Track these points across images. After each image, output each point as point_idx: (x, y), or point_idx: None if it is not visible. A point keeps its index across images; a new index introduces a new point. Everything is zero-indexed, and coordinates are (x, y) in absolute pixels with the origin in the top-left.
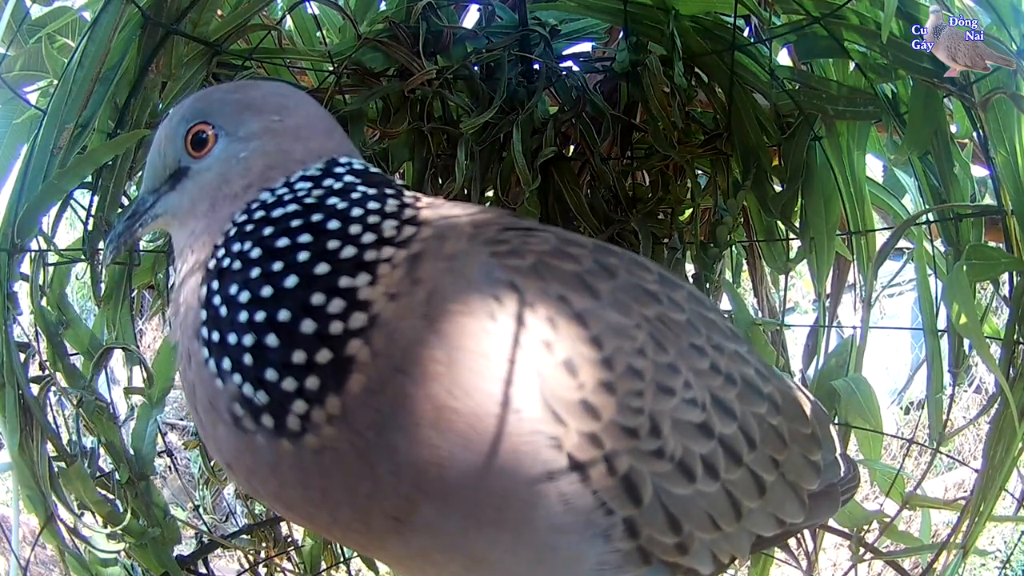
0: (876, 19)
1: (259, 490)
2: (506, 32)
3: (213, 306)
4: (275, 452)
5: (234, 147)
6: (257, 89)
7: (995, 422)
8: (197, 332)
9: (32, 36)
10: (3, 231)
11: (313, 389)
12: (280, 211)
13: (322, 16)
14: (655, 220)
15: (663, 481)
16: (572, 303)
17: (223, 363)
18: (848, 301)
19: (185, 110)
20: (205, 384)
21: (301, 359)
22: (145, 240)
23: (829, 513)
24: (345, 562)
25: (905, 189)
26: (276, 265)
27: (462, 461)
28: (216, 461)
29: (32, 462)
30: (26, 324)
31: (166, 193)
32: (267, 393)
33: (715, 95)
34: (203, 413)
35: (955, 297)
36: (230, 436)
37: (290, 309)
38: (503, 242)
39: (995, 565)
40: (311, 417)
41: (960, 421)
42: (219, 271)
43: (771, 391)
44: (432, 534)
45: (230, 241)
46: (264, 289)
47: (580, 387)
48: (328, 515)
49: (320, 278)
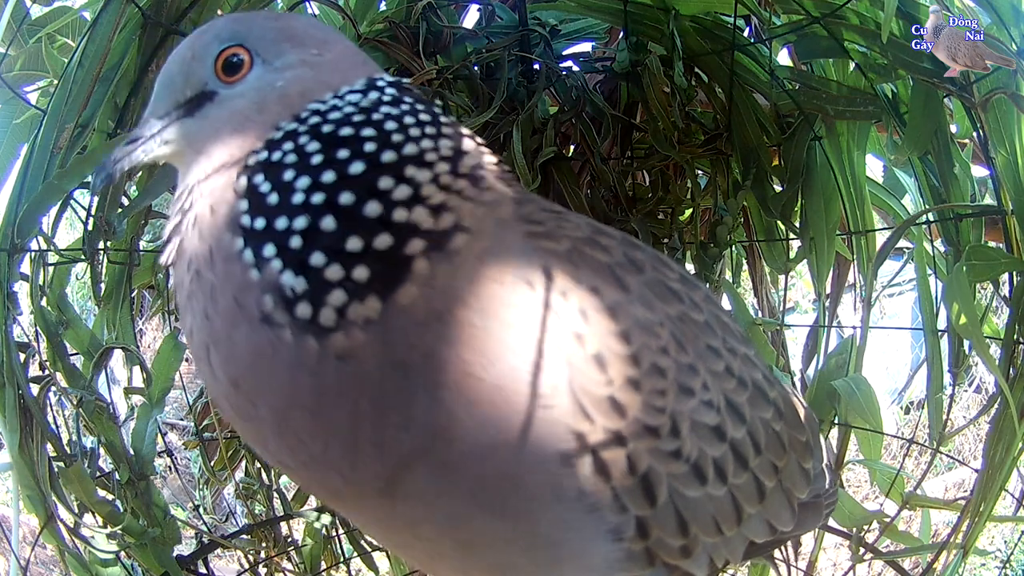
0: (876, 19)
1: (261, 407)
2: (506, 32)
3: (259, 194)
4: (298, 351)
5: (270, 76)
6: (298, 21)
7: (995, 422)
8: (233, 223)
9: (32, 36)
10: (3, 231)
11: (359, 280)
12: (336, 114)
13: (322, 16)
14: (655, 220)
15: (677, 483)
16: (604, 295)
17: (264, 249)
18: (848, 301)
19: (220, 30)
20: (233, 280)
21: (356, 246)
22: (145, 240)
23: (813, 524)
24: (345, 562)
25: (905, 189)
26: (341, 152)
27: (473, 432)
28: (219, 387)
29: (32, 462)
30: (26, 324)
31: (181, 118)
32: (307, 280)
33: (715, 95)
34: (220, 316)
35: (955, 297)
36: (252, 337)
37: (354, 192)
38: (538, 223)
39: (995, 565)
40: (347, 313)
41: (960, 421)
42: (266, 165)
43: (776, 396)
44: (418, 502)
45: (277, 143)
46: (326, 174)
47: (609, 383)
48: (321, 450)
49: (388, 165)
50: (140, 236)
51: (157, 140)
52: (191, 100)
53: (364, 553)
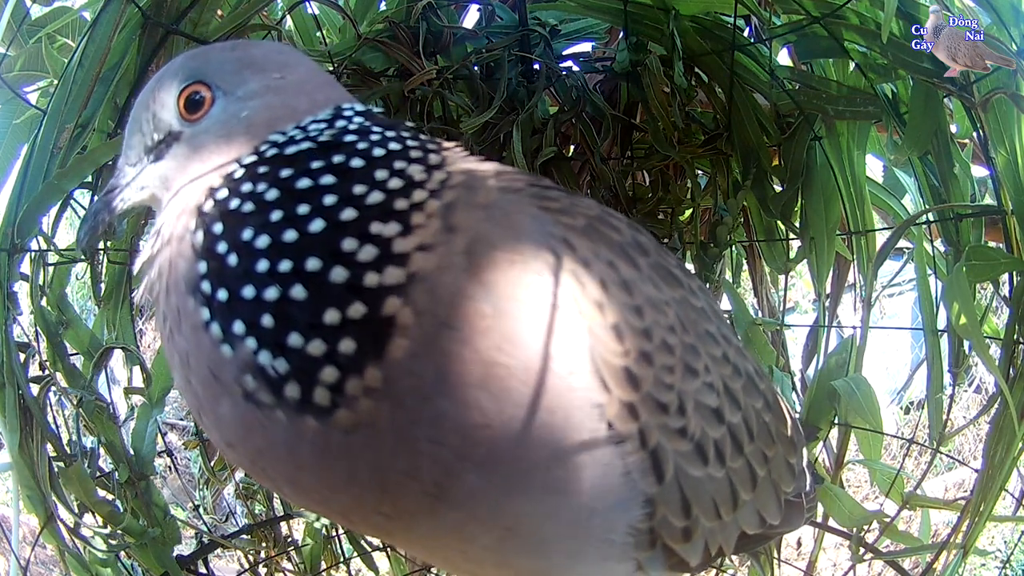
0: (876, 19)
1: (267, 472)
2: (506, 32)
3: (217, 255)
4: (296, 430)
5: (234, 107)
6: (257, 47)
7: (995, 422)
8: (193, 287)
9: (32, 36)
10: (3, 231)
11: (348, 354)
12: (294, 148)
13: (322, 16)
14: (655, 220)
15: (682, 460)
16: (620, 270)
17: (233, 326)
18: (848, 301)
19: (178, 69)
20: (204, 352)
21: (334, 319)
22: (145, 240)
23: (796, 524)
24: (345, 562)
25: (905, 189)
26: (301, 208)
27: (511, 420)
28: (215, 441)
29: (32, 462)
30: (26, 324)
31: (152, 163)
32: (288, 361)
33: (715, 95)
34: (200, 386)
35: (955, 297)
36: (237, 412)
37: (319, 256)
38: (552, 199)
39: (995, 565)
40: (344, 389)
41: (960, 421)
42: (224, 213)
43: (765, 389)
44: (470, 505)
45: (238, 182)
46: (287, 233)
47: (626, 354)
48: (350, 499)
49: (349, 224)
50: (140, 236)
51: (133, 187)
52: (159, 144)
53: (364, 553)
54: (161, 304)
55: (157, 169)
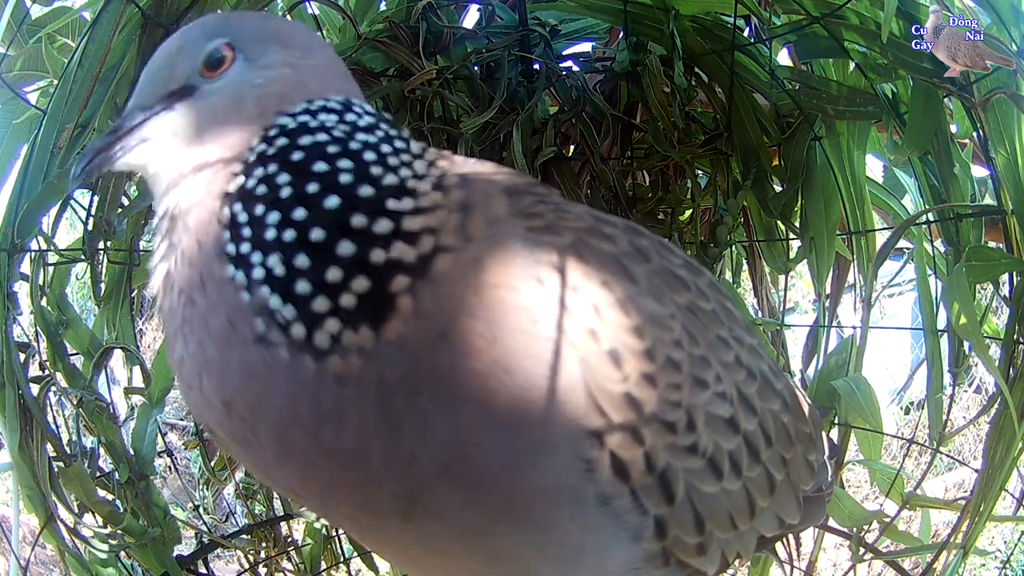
0: (876, 19)
1: (257, 431)
2: (506, 32)
3: (238, 224)
4: (295, 370)
5: (251, 73)
6: (288, 25)
7: (995, 422)
8: (220, 252)
9: (32, 36)
10: (3, 231)
11: (349, 308)
12: (308, 139)
13: (322, 16)
14: (655, 220)
15: (694, 478)
16: (614, 289)
17: (253, 272)
18: (848, 301)
19: (209, 26)
20: (226, 301)
21: (336, 276)
22: (145, 240)
23: (817, 518)
24: (345, 562)
25: (905, 189)
26: (311, 187)
27: (498, 446)
28: (207, 413)
29: (32, 462)
30: (26, 324)
31: (161, 112)
32: (295, 307)
33: (715, 95)
34: (215, 339)
35: (955, 297)
36: (246, 356)
37: (325, 229)
38: (537, 216)
39: (995, 565)
40: (342, 339)
41: (960, 421)
42: (242, 194)
43: (781, 388)
44: (449, 524)
45: (251, 167)
46: (296, 211)
47: (625, 379)
48: (329, 475)
49: (364, 200)
50: (140, 236)
51: (136, 136)
52: (174, 93)
53: (364, 553)
54: (178, 281)
55: (165, 121)
